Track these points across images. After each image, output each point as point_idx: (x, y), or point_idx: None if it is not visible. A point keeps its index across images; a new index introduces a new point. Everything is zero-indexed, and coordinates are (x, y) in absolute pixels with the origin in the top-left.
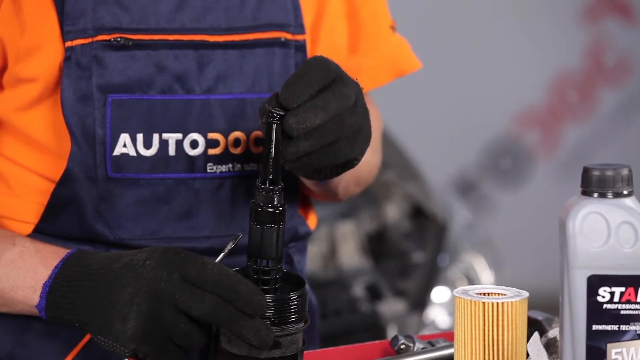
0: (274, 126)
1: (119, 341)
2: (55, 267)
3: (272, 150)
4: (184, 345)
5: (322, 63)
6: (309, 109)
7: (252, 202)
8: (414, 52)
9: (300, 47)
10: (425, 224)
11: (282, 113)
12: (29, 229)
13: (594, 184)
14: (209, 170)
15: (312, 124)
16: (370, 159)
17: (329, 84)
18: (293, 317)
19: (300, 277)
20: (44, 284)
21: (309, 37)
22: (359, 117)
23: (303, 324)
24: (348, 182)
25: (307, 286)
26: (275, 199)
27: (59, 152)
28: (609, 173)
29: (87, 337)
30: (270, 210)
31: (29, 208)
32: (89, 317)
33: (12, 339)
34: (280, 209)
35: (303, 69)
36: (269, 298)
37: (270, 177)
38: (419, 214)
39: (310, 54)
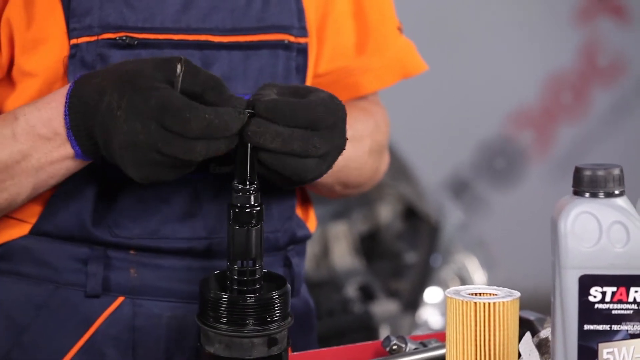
0: (247, 126)
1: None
2: (65, 114)
3: (246, 149)
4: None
5: (325, 110)
6: (270, 131)
7: (230, 204)
8: None
9: (302, 50)
10: (418, 224)
11: (252, 112)
12: (27, 228)
13: (586, 183)
14: (210, 171)
15: (265, 144)
16: (364, 163)
17: (311, 127)
18: (277, 316)
19: (280, 276)
20: (67, 135)
21: (314, 38)
22: (320, 167)
23: (289, 319)
24: (330, 184)
25: (288, 284)
26: (253, 198)
27: None
28: (601, 173)
29: (84, 338)
30: (250, 210)
31: (28, 207)
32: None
33: (9, 340)
34: (258, 208)
35: (298, 102)
36: (254, 298)
37: (247, 176)
38: (411, 215)
39: (316, 55)
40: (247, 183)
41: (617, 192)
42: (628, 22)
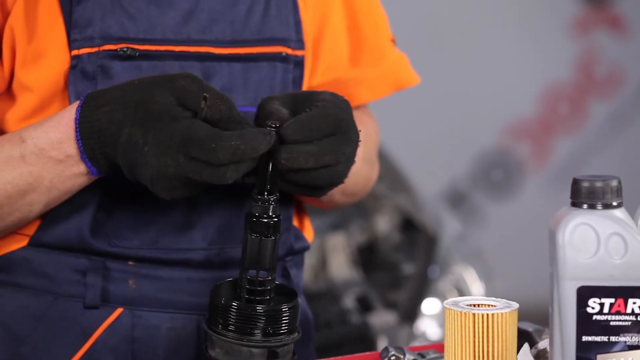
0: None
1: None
2: (76, 139)
3: (268, 161)
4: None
5: (337, 109)
6: (302, 154)
7: (248, 213)
8: None
9: (299, 62)
10: (416, 235)
11: (277, 125)
12: (26, 239)
13: (584, 195)
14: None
15: (299, 167)
16: (360, 169)
17: (334, 132)
18: (286, 329)
19: (292, 289)
20: (80, 157)
21: (310, 51)
22: (347, 168)
23: (296, 334)
24: (333, 191)
25: (299, 298)
26: (272, 209)
27: None
28: (599, 184)
29: (83, 350)
30: (267, 220)
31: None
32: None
33: (8, 351)
34: (276, 219)
35: (317, 112)
36: (263, 309)
37: (267, 187)
38: (409, 226)
39: (311, 68)
40: (267, 193)
41: (615, 203)
42: (625, 34)
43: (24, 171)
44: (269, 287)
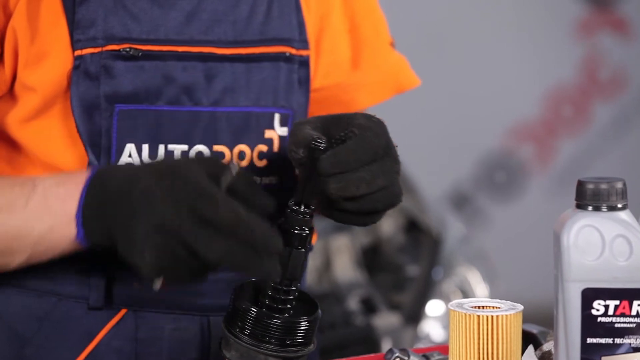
0: (316, 152)
1: (141, 272)
2: (81, 196)
3: (311, 173)
4: (204, 273)
5: (375, 135)
6: (353, 181)
7: (281, 222)
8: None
9: (304, 62)
10: (420, 237)
11: (324, 145)
12: None
13: (589, 197)
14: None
15: (352, 195)
16: None
17: (375, 160)
18: (303, 340)
19: (313, 300)
20: (75, 215)
21: (313, 52)
22: (399, 186)
23: (312, 346)
24: None
25: (319, 311)
26: (304, 222)
27: (64, 167)
28: (604, 186)
29: (87, 351)
30: (299, 232)
31: None
32: (118, 243)
33: (12, 353)
34: (309, 232)
35: (354, 144)
36: (282, 319)
37: (305, 199)
38: (413, 228)
39: (312, 69)
40: (303, 206)
41: (620, 205)
42: (629, 36)
43: (20, 217)
44: (292, 297)
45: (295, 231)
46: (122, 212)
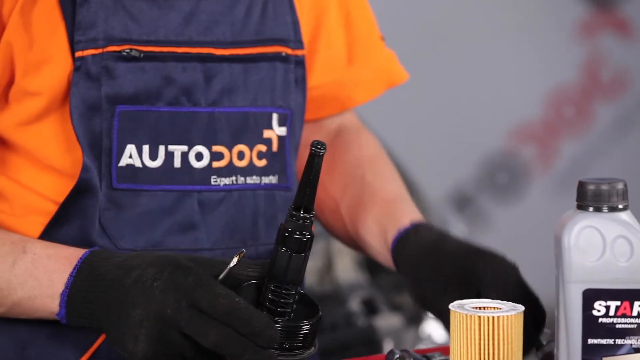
0: (316, 158)
1: (132, 359)
2: (70, 275)
3: (312, 178)
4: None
5: (514, 279)
6: None
7: (282, 226)
8: (412, 67)
9: (300, 62)
10: None
11: (324, 151)
12: None
13: (589, 198)
14: (213, 183)
15: None
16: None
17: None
18: (303, 344)
19: (314, 302)
20: (61, 293)
21: (307, 50)
22: None
23: (312, 349)
24: None
25: (320, 313)
26: (304, 227)
27: (63, 168)
28: (604, 187)
29: (91, 350)
30: (299, 237)
31: (30, 227)
32: (107, 329)
33: (15, 354)
34: (309, 236)
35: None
36: (282, 322)
37: (305, 204)
38: None
39: (308, 67)
40: (303, 211)
41: (621, 206)
42: (631, 37)
43: (3, 278)
44: (292, 301)
45: (296, 236)
46: (114, 299)
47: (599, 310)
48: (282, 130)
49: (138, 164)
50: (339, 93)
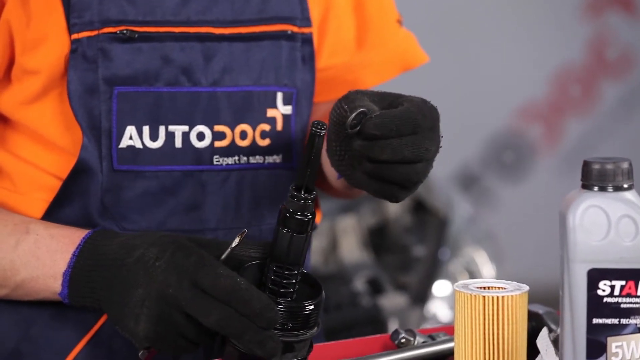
0: (317, 138)
1: (133, 338)
2: (73, 254)
3: (312, 158)
4: (197, 342)
5: (421, 114)
6: (381, 143)
7: (283, 207)
8: None
9: (307, 39)
10: (427, 218)
11: (325, 131)
12: None
13: (594, 177)
14: (215, 163)
15: (375, 157)
16: None
17: (416, 132)
18: (308, 323)
19: (317, 282)
20: (63, 273)
21: (317, 31)
22: (427, 168)
23: (315, 329)
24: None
25: (323, 293)
26: (306, 207)
27: (64, 146)
28: (609, 166)
29: (92, 331)
30: (300, 217)
31: (33, 205)
32: (108, 308)
33: (18, 334)
34: (310, 216)
35: (399, 112)
36: (285, 303)
37: (306, 184)
38: (420, 208)
39: (317, 48)
40: (304, 191)
41: (626, 185)
42: (637, 16)
43: (6, 259)
44: (294, 281)
45: (297, 216)
46: (116, 279)
47: (603, 290)
48: (287, 109)
49: (139, 145)
50: (348, 76)
